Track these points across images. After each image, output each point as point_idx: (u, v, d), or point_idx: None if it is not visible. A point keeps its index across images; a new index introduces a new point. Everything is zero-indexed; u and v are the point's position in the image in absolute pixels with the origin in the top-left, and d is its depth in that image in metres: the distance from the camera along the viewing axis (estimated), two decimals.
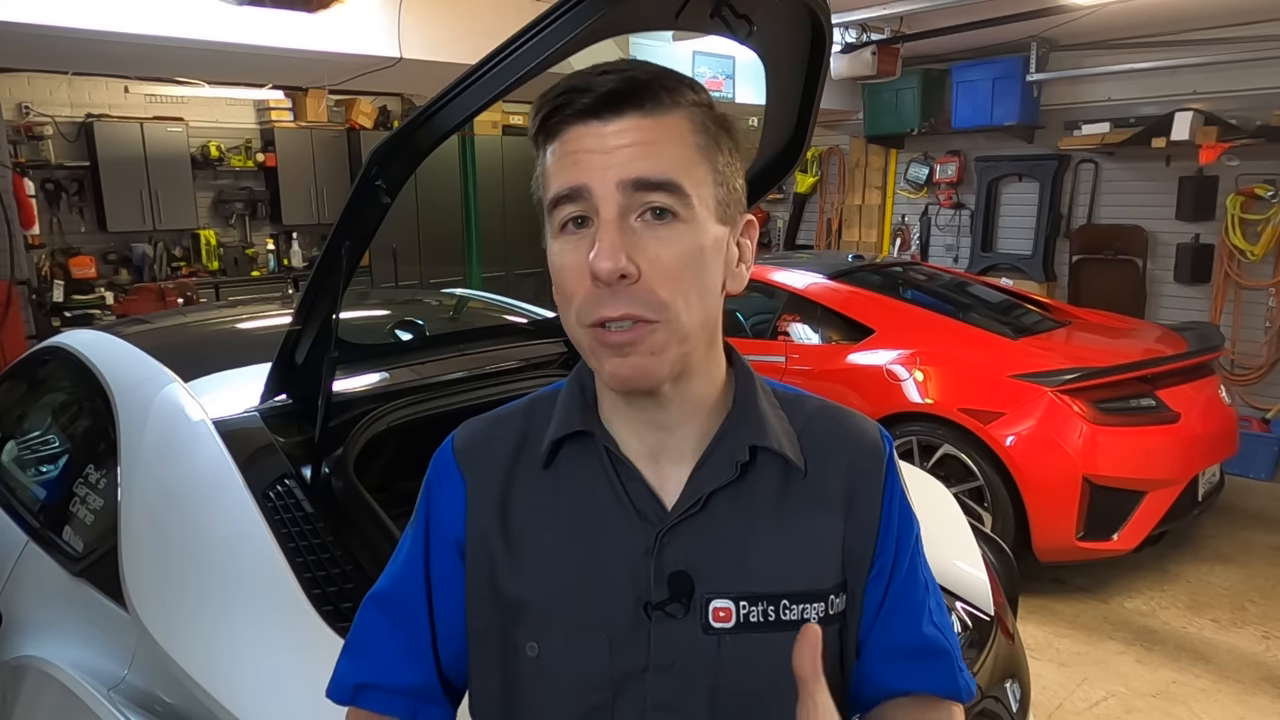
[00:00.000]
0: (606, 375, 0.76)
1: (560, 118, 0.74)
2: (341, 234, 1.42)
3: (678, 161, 0.73)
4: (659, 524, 0.78)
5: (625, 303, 0.72)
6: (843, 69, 5.88)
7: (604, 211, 0.72)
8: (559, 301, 0.77)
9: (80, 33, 3.67)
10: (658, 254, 0.72)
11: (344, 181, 7.71)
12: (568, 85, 0.74)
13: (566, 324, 0.77)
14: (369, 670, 0.88)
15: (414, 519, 0.89)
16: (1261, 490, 5.13)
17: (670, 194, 0.72)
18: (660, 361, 0.74)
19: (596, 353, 0.75)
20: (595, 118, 0.73)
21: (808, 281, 4.56)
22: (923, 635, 0.85)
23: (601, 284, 0.71)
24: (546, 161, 0.76)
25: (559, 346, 2.29)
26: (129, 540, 1.57)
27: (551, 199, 0.75)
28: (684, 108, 0.75)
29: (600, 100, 0.72)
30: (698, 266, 0.74)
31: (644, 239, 0.72)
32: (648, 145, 0.72)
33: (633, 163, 0.72)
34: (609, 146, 0.72)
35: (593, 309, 0.73)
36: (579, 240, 0.73)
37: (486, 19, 4.57)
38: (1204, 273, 5.92)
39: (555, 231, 0.75)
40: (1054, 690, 3.14)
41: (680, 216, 0.73)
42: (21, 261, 5.05)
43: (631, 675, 0.78)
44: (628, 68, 0.74)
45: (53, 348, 2.33)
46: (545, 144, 0.76)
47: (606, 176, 0.72)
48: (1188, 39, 5.72)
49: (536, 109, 0.76)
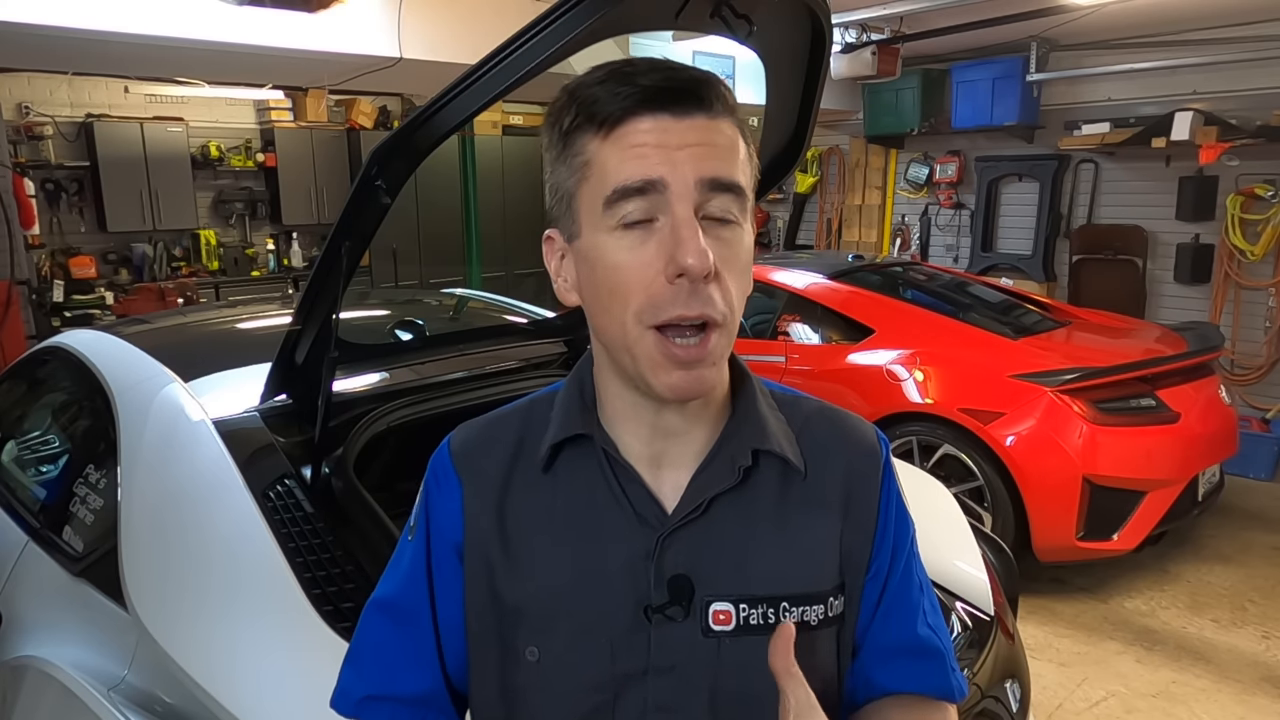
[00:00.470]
0: (665, 387, 0.73)
1: (619, 107, 0.70)
2: (341, 234, 1.42)
3: (737, 164, 0.73)
4: (659, 528, 0.78)
5: (702, 303, 0.70)
6: (843, 69, 5.88)
7: (680, 208, 0.70)
8: (607, 300, 0.74)
9: (80, 33, 3.67)
10: (724, 256, 0.71)
11: (344, 181, 7.71)
12: (617, 74, 0.71)
13: (615, 324, 0.73)
14: (374, 680, 0.87)
15: (414, 524, 0.88)
16: (1261, 490, 5.13)
17: (735, 196, 0.72)
18: (719, 371, 0.75)
19: (658, 364, 0.72)
20: (665, 111, 0.70)
21: (808, 281, 4.56)
22: (917, 636, 0.86)
23: (682, 281, 0.69)
24: (592, 152, 0.72)
25: (559, 346, 2.29)
26: (129, 540, 1.57)
27: (616, 190, 0.70)
28: (735, 114, 0.75)
29: (668, 94, 0.70)
30: (748, 270, 0.75)
31: (711, 240, 0.70)
32: (715, 147, 0.71)
33: (705, 161, 0.70)
34: (681, 142, 0.70)
35: (664, 308, 0.70)
36: (644, 236, 0.71)
37: (486, 19, 4.57)
38: (1204, 273, 5.92)
39: (611, 226, 0.72)
40: (1054, 690, 3.14)
41: (737, 220, 0.73)
42: (21, 261, 5.05)
43: (632, 677, 0.78)
44: (681, 66, 0.73)
45: (53, 348, 2.33)
46: (592, 133, 0.72)
47: (683, 172, 0.69)
48: (1188, 39, 5.72)
49: (580, 98, 0.72)
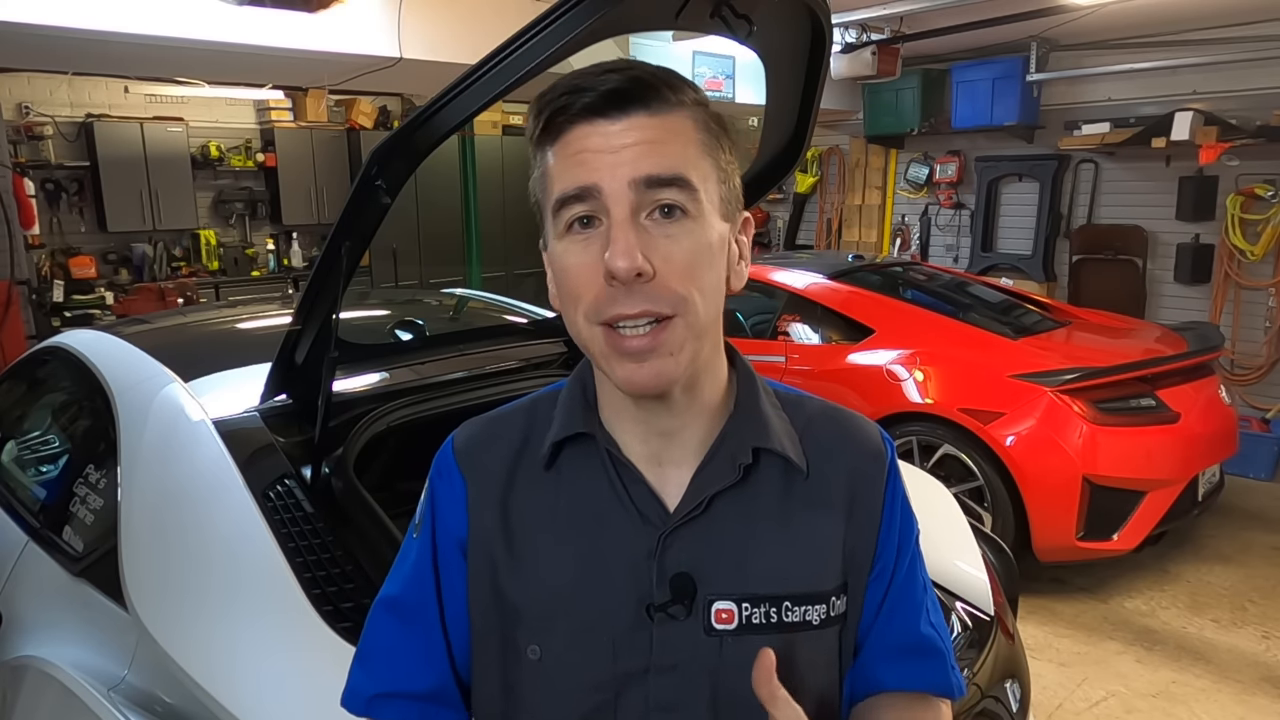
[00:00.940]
0: (621, 380, 0.75)
1: (564, 117, 0.73)
2: (341, 234, 1.42)
3: (685, 158, 0.73)
4: (661, 526, 0.78)
5: (642, 300, 0.71)
6: (843, 69, 5.88)
7: (615, 211, 0.71)
8: (564, 302, 0.77)
9: (80, 33, 3.66)
10: (669, 251, 0.72)
11: (344, 181, 7.71)
12: (569, 85, 0.73)
13: (572, 324, 0.77)
14: (384, 678, 0.87)
15: (419, 521, 0.89)
16: (1261, 490, 5.13)
17: (680, 189, 0.72)
18: (677, 363, 0.74)
19: (609, 357, 0.74)
20: (601, 116, 0.72)
21: (808, 281, 4.56)
22: (921, 634, 0.86)
23: (617, 283, 0.71)
24: (548, 162, 0.75)
25: (559, 346, 2.29)
26: (129, 540, 1.57)
27: (558, 199, 0.74)
28: (687, 106, 0.75)
29: (605, 99, 0.72)
30: (707, 262, 0.75)
31: (655, 237, 0.72)
32: (655, 144, 0.72)
33: (642, 160, 0.71)
34: (617, 145, 0.72)
35: (606, 307, 0.72)
36: (587, 240, 0.73)
37: (486, 19, 4.57)
38: (1204, 273, 5.92)
39: (560, 232, 0.75)
40: (1054, 690, 3.14)
41: (689, 213, 0.73)
42: (21, 261, 5.05)
43: (633, 676, 0.78)
44: (630, 66, 0.74)
45: (53, 348, 2.33)
46: (547, 145, 0.75)
47: (617, 175, 0.71)
48: (1188, 39, 5.71)
49: (538, 109, 0.75)
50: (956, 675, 0.88)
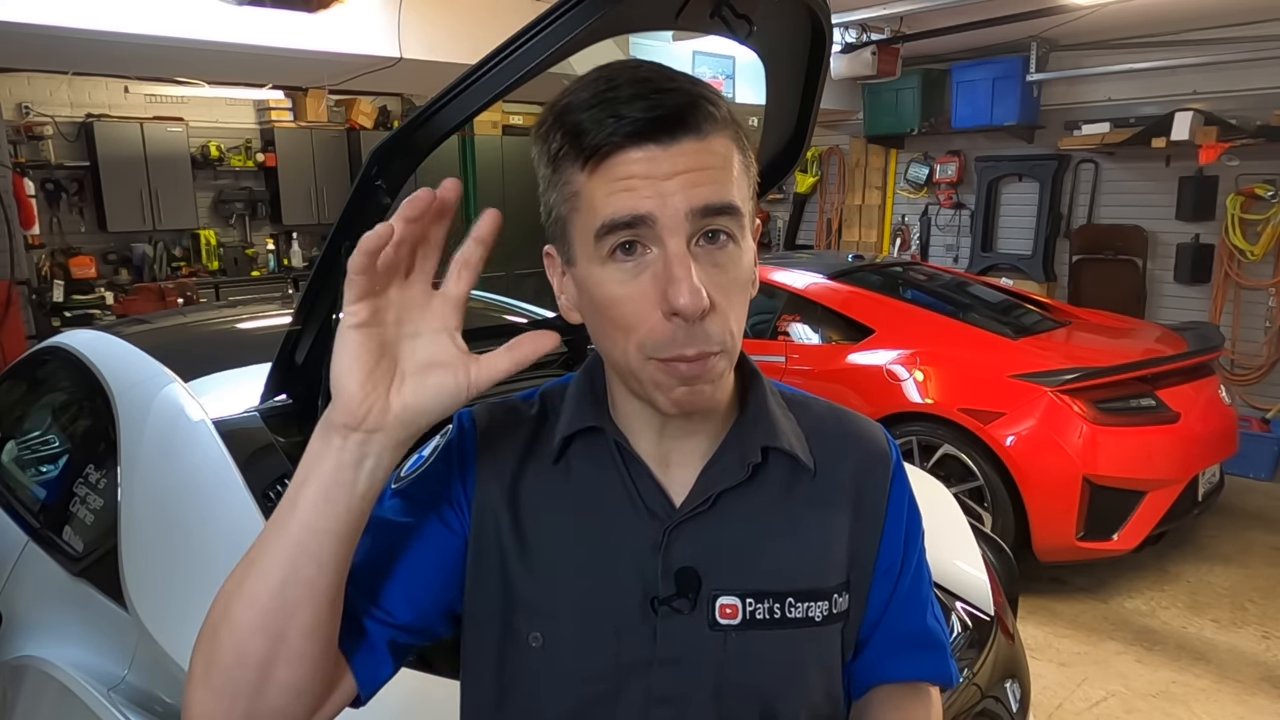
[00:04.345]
0: (668, 403, 0.73)
1: (606, 141, 0.69)
2: (341, 234, 1.42)
3: (733, 183, 0.71)
4: (667, 520, 0.79)
5: (702, 340, 0.70)
6: (843, 69, 5.88)
7: (671, 244, 0.69)
8: (606, 329, 0.74)
9: (80, 33, 3.67)
10: (721, 282, 0.71)
11: (344, 181, 7.71)
12: (604, 96, 0.69)
13: (618, 351, 0.74)
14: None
15: (422, 465, 0.84)
16: (1261, 490, 5.13)
17: (731, 216, 0.71)
18: (721, 387, 0.74)
19: (662, 384, 0.73)
20: (652, 141, 0.68)
21: (808, 281, 4.56)
22: (927, 627, 0.89)
23: (678, 319, 0.69)
24: (582, 182, 0.71)
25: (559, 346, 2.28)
26: (129, 540, 1.57)
27: (604, 225, 0.70)
28: (729, 126, 0.72)
29: (656, 124, 0.68)
30: (748, 287, 0.75)
31: (705, 266, 0.70)
32: (707, 170, 0.70)
33: (697, 189, 0.69)
34: (669, 172, 0.68)
35: (667, 345, 0.70)
36: (637, 268, 0.70)
37: (486, 19, 4.57)
38: (1204, 273, 5.92)
39: (601, 258, 0.71)
40: (1054, 690, 3.14)
41: (735, 239, 0.72)
42: (21, 261, 5.06)
43: (636, 668, 0.78)
44: (671, 84, 0.70)
45: (53, 348, 2.33)
46: (580, 163, 0.71)
47: (673, 205, 0.68)
48: (1188, 39, 5.72)
49: (569, 128, 0.70)
50: (954, 665, 0.92)
